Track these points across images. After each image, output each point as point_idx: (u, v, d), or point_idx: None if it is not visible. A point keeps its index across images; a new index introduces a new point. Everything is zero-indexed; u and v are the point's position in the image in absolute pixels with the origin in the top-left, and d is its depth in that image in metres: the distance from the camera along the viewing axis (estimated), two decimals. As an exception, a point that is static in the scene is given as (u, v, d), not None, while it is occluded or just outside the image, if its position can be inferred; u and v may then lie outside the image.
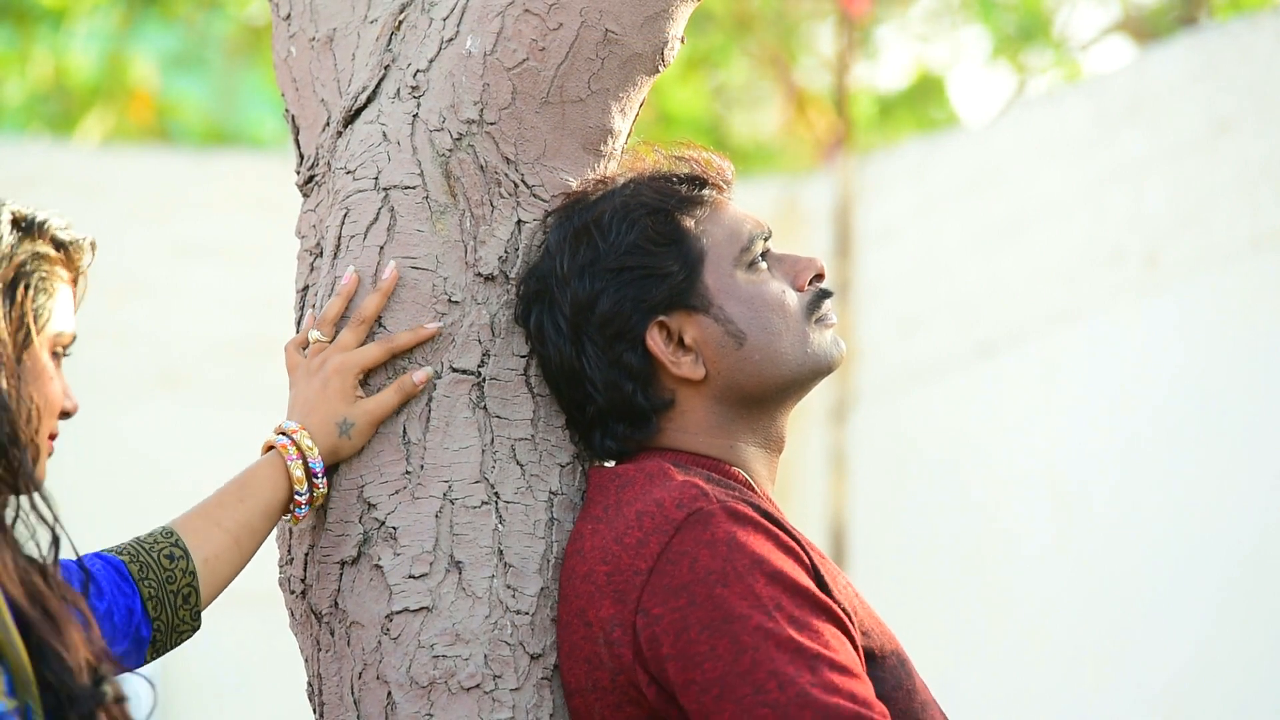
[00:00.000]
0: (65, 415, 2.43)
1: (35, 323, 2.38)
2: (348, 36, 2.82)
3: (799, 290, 2.74)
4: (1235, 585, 6.45)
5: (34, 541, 2.35)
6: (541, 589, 2.66)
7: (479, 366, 2.69)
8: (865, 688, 2.49)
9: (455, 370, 2.68)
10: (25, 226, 2.42)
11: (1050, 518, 7.24)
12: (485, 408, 2.68)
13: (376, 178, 2.72)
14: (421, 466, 2.65)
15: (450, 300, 2.69)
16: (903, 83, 13.38)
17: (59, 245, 2.44)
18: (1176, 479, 6.70)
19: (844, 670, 2.48)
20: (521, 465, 2.68)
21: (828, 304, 2.76)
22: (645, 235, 2.69)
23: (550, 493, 2.70)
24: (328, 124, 2.80)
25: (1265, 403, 6.43)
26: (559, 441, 2.72)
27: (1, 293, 2.36)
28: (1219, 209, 6.62)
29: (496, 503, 2.67)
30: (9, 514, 2.35)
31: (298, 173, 2.85)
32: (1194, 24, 9.98)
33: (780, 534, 2.59)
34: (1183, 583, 6.65)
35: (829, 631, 2.51)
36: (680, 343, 2.70)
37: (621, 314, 2.69)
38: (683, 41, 2.82)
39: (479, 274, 2.70)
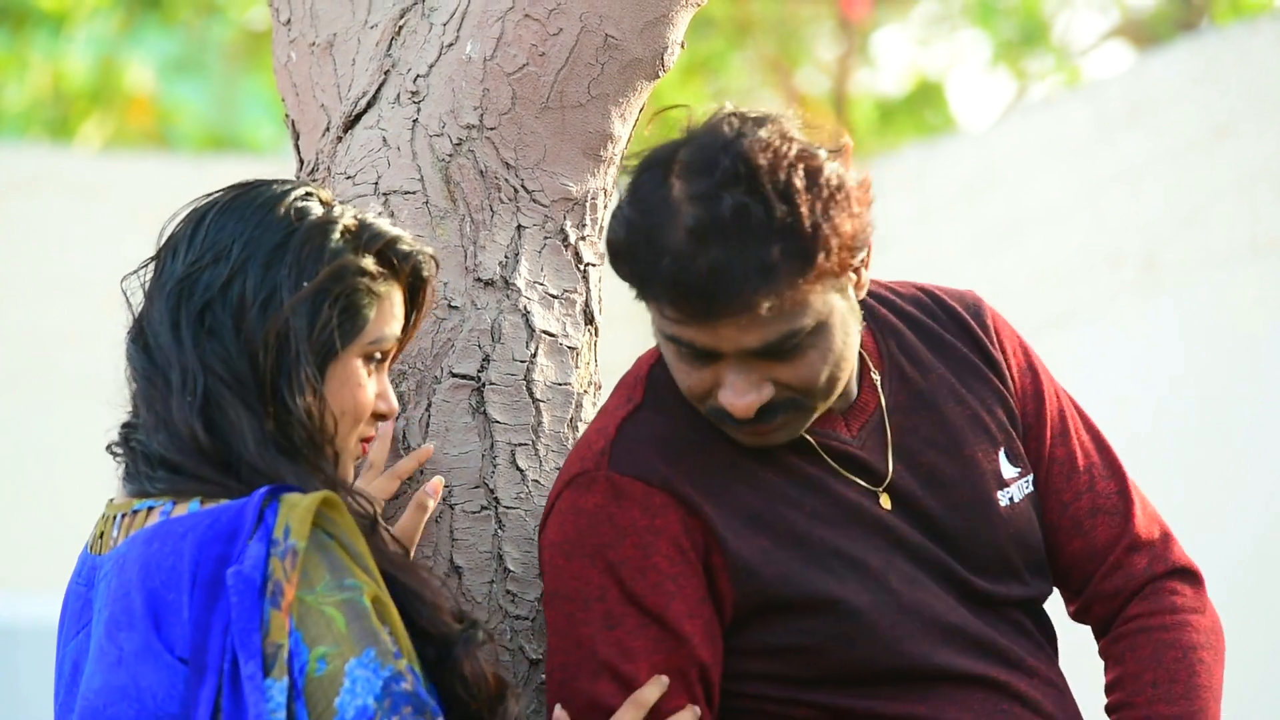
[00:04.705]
0: (381, 417, 2.44)
1: (340, 333, 2.37)
2: (348, 42, 2.82)
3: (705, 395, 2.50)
4: (1235, 585, 6.45)
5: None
6: (540, 594, 2.66)
7: (479, 372, 2.68)
8: (636, 699, 2.47)
9: (455, 375, 2.68)
10: (353, 236, 2.41)
11: (1050, 521, 7.23)
12: (485, 413, 2.68)
13: (376, 183, 2.72)
14: (421, 472, 2.65)
15: (450, 305, 2.68)
16: (902, 88, 13.39)
17: (388, 261, 2.42)
18: (1176, 479, 6.70)
19: (627, 683, 2.47)
20: (521, 471, 2.68)
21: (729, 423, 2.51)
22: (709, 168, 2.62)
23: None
24: (328, 129, 2.80)
25: (1264, 404, 6.43)
26: (559, 447, 2.72)
27: (310, 301, 2.36)
28: (1218, 212, 6.62)
29: (496, 508, 2.66)
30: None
31: (297, 177, 2.85)
32: (1193, 29, 9.98)
33: (671, 511, 2.50)
34: (1182, 586, 6.64)
35: (640, 637, 2.49)
36: None
37: None
38: (683, 46, 2.82)
39: (479, 279, 2.70)
